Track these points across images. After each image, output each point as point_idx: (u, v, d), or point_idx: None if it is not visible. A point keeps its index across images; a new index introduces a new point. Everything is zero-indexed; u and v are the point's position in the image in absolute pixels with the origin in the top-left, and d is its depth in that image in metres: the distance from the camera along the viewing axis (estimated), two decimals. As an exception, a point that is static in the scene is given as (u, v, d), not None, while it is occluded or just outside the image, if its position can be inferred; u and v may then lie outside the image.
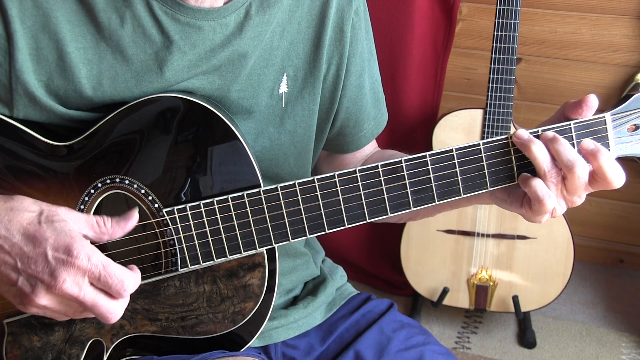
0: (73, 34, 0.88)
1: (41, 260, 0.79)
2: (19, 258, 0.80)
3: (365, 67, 1.07)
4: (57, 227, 0.80)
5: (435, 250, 2.18)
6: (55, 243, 0.79)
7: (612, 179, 0.85)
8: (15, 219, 0.81)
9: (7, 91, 0.88)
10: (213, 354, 0.96)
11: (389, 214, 0.89)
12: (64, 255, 0.79)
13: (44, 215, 0.82)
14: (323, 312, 1.14)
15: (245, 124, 0.98)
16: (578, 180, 0.84)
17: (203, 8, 0.91)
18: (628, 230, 2.57)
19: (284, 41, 0.98)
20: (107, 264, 0.80)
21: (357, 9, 1.03)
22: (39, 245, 0.79)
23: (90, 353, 0.94)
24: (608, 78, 2.35)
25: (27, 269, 0.79)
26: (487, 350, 2.22)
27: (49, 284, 0.79)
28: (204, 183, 0.89)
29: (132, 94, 0.90)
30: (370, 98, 1.11)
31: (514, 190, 0.91)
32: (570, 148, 0.85)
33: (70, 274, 0.78)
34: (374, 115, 1.13)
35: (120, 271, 0.81)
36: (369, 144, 1.16)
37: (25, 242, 0.80)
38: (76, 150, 0.89)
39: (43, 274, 0.79)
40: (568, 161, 0.84)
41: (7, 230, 0.80)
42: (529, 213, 0.89)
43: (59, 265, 0.78)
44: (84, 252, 0.79)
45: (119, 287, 0.80)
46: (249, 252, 0.90)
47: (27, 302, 0.81)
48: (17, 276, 0.80)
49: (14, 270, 0.80)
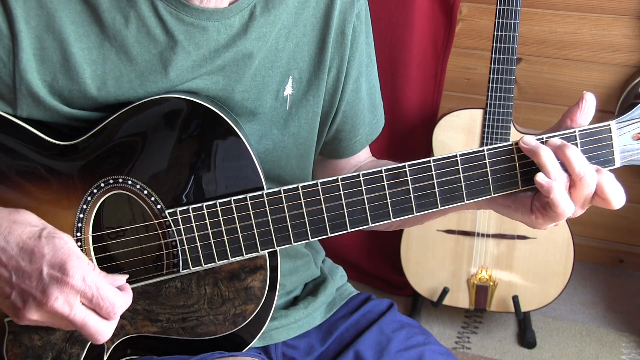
0: (77, 34, 0.88)
1: (35, 276, 0.79)
2: (14, 272, 0.80)
3: (362, 71, 1.07)
4: (57, 244, 0.80)
5: (435, 250, 2.18)
6: (52, 260, 0.79)
7: (613, 199, 0.85)
8: (15, 231, 0.81)
9: (11, 91, 0.88)
10: (213, 355, 0.96)
11: (392, 219, 0.89)
12: (58, 273, 0.79)
13: (46, 231, 0.82)
14: (323, 313, 1.14)
15: (249, 125, 0.98)
16: (587, 188, 0.84)
17: (207, 8, 0.91)
18: (628, 230, 2.57)
19: (289, 43, 0.98)
20: (100, 285, 0.80)
21: (359, 12, 1.03)
22: (36, 261, 0.79)
23: (90, 352, 0.94)
24: (608, 78, 2.35)
25: (21, 283, 0.80)
26: (487, 350, 2.22)
27: (40, 301, 0.79)
28: (207, 184, 0.89)
29: (137, 94, 0.91)
30: (367, 103, 1.11)
31: (518, 196, 0.90)
32: (581, 155, 0.84)
33: (63, 292, 0.78)
34: (369, 120, 1.13)
35: (112, 294, 0.81)
36: (362, 151, 1.16)
37: (22, 255, 0.80)
38: (79, 150, 0.89)
39: (36, 291, 0.79)
40: (580, 168, 0.83)
41: (6, 242, 0.80)
42: (539, 219, 0.88)
43: (53, 282, 0.78)
44: (79, 272, 0.79)
45: (109, 309, 0.80)
46: (251, 254, 0.91)
47: (18, 315, 0.81)
48: (10, 290, 0.80)
49: (7, 283, 0.80)
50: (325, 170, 1.19)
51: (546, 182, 0.84)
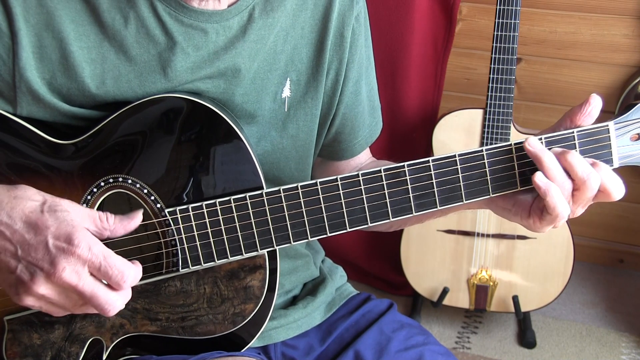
0: (77, 33, 0.88)
1: (42, 248, 0.79)
2: (19, 245, 0.80)
3: (362, 73, 1.07)
4: (60, 217, 0.81)
5: (435, 250, 2.18)
6: (57, 231, 0.79)
7: (613, 192, 0.85)
8: (18, 206, 0.81)
9: (11, 89, 0.88)
10: (212, 354, 0.96)
11: (391, 219, 0.89)
12: (64, 244, 0.79)
13: (47, 204, 0.82)
14: (323, 312, 1.14)
15: (248, 128, 0.98)
16: (590, 191, 0.84)
17: (206, 10, 0.91)
18: (628, 230, 2.57)
19: (287, 45, 0.98)
20: (107, 254, 0.80)
21: (358, 14, 1.03)
22: (40, 233, 0.80)
23: (89, 351, 0.94)
24: (608, 78, 2.35)
25: (27, 256, 0.80)
26: (487, 350, 2.22)
27: (48, 272, 0.79)
28: (207, 184, 0.89)
29: (135, 94, 0.91)
30: (367, 105, 1.11)
31: (519, 199, 0.90)
32: (584, 161, 0.84)
33: (71, 262, 0.79)
34: (369, 122, 1.13)
35: (120, 262, 0.81)
36: (363, 152, 1.16)
37: (27, 229, 0.80)
38: (80, 149, 0.89)
39: (43, 262, 0.79)
40: (582, 173, 0.83)
41: (10, 217, 0.80)
42: (536, 223, 0.88)
43: (60, 253, 0.79)
44: (85, 241, 0.79)
45: (118, 277, 0.80)
46: (250, 253, 0.91)
47: (24, 291, 0.80)
48: (16, 263, 0.80)
49: (13, 257, 0.80)
50: (325, 173, 1.19)
51: (544, 183, 0.84)
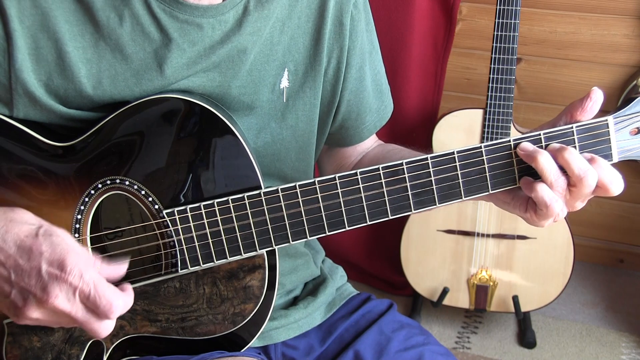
0: (72, 33, 0.88)
1: (35, 274, 0.78)
2: (13, 270, 0.79)
3: (365, 59, 1.07)
4: (54, 241, 0.80)
5: (435, 250, 2.18)
6: (50, 257, 0.79)
7: (611, 187, 0.85)
8: (13, 230, 0.81)
9: (7, 91, 0.88)
10: (212, 354, 0.96)
11: (390, 216, 0.89)
12: (57, 270, 0.78)
13: (43, 228, 0.81)
14: (323, 313, 1.14)
15: (247, 119, 0.98)
16: (587, 188, 0.84)
17: (201, 5, 0.91)
18: (628, 230, 2.57)
19: (284, 36, 0.98)
20: (98, 282, 0.79)
21: (357, 1, 1.03)
22: (34, 259, 0.79)
23: (89, 354, 0.94)
24: (608, 78, 2.35)
25: (21, 282, 0.79)
26: (487, 350, 2.22)
27: (40, 299, 0.78)
28: (205, 184, 0.89)
29: (133, 92, 0.90)
30: (372, 90, 1.11)
31: (517, 193, 0.90)
32: (580, 157, 0.83)
33: (63, 289, 0.78)
34: (377, 107, 1.13)
35: (110, 292, 0.80)
36: (369, 138, 1.16)
37: (21, 254, 0.79)
38: (76, 151, 0.89)
39: (36, 289, 0.78)
40: (579, 170, 0.83)
41: (4, 241, 0.80)
42: (533, 217, 0.88)
43: (52, 280, 0.78)
44: (77, 268, 0.78)
45: (106, 308, 0.79)
46: (249, 253, 0.90)
47: (19, 314, 0.80)
48: (10, 289, 0.80)
49: (7, 282, 0.80)
50: (332, 159, 1.19)
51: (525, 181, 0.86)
